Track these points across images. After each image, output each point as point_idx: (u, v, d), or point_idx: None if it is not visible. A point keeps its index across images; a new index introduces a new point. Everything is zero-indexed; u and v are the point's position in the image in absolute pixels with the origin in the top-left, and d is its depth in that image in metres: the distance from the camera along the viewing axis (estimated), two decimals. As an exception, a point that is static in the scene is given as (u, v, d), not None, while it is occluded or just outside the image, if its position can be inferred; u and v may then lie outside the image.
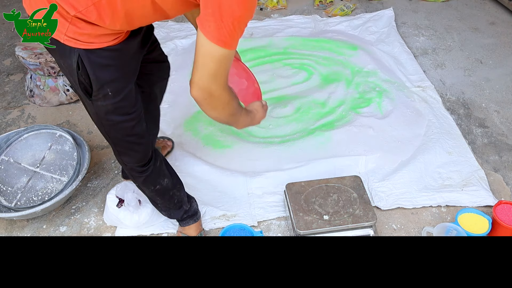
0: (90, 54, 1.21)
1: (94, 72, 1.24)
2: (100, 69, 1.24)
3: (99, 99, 1.30)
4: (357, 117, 2.30)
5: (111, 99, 1.30)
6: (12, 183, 1.94)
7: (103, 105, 1.31)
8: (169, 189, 1.62)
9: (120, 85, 1.29)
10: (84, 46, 1.20)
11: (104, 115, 1.34)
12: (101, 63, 1.23)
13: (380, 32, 2.98)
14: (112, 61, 1.25)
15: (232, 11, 1.03)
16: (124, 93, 1.31)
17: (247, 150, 2.15)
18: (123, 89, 1.31)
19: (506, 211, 1.75)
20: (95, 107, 1.33)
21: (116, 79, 1.28)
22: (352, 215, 1.68)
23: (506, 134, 2.28)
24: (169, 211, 1.70)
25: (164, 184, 1.59)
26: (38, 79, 2.45)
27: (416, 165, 2.04)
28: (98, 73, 1.24)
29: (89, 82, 1.26)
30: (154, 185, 1.57)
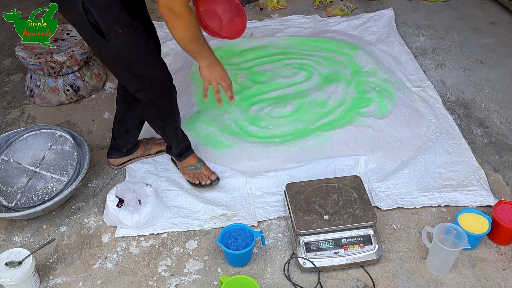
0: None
1: (99, 14, 1.43)
2: (104, 9, 1.43)
3: (112, 37, 1.48)
4: (357, 117, 2.30)
5: (123, 35, 1.48)
6: (12, 183, 1.94)
7: (118, 41, 1.49)
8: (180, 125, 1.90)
9: (126, 21, 1.48)
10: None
11: (121, 51, 1.53)
12: (103, 4, 1.43)
13: (380, 32, 2.98)
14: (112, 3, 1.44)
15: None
16: (133, 28, 1.50)
17: (247, 150, 2.15)
18: (131, 25, 1.49)
19: (506, 211, 1.75)
20: (112, 46, 1.51)
21: (121, 16, 1.46)
22: (352, 215, 1.68)
23: (506, 134, 2.28)
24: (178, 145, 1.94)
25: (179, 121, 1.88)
26: (38, 79, 2.45)
27: (416, 165, 2.04)
28: (102, 14, 1.44)
29: (98, 24, 1.45)
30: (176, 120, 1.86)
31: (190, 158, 1.99)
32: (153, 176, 2.04)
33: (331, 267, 1.66)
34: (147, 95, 1.71)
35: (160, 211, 1.84)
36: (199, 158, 2.02)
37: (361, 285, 1.64)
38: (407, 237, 1.80)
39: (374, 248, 1.67)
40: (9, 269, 1.55)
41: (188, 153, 1.99)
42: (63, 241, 1.81)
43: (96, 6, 1.42)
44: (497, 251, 1.74)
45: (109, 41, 1.49)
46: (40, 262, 1.73)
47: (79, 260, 1.74)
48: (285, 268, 1.69)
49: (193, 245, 1.78)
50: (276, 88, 2.52)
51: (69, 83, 2.47)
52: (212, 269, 1.70)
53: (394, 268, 1.69)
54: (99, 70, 2.62)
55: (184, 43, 1.55)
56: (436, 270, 1.67)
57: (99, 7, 1.43)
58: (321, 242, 1.66)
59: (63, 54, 2.35)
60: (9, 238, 1.83)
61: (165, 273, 1.69)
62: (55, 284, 1.67)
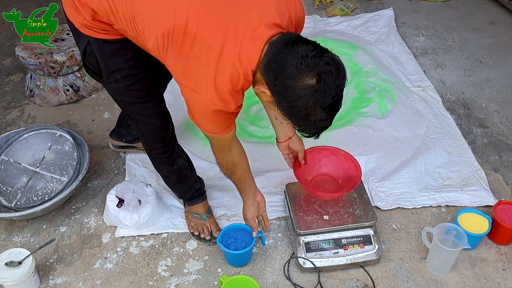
0: (100, 42, 1.31)
1: (103, 59, 1.34)
2: (110, 57, 1.34)
3: (110, 82, 1.40)
4: (357, 117, 2.30)
5: (122, 83, 1.39)
6: (12, 183, 1.94)
7: (115, 87, 1.41)
8: (184, 168, 1.74)
9: (132, 72, 1.38)
10: (96, 35, 1.30)
11: (118, 95, 1.45)
12: (111, 51, 1.33)
13: (380, 32, 2.98)
14: (123, 51, 1.34)
15: (204, 124, 1.30)
16: (137, 78, 1.40)
17: (247, 150, 2.12)
18: (136, 75, 1.39)
19: (506, 211, 1.75)
20: (108, 88, 1.44)
21: (128, 67, 1.37)
22: (352, 215, 1.68)
23: (506, 134, 2.28)
24: (181, 190, 1.81)
25: (180, 163, 1.71)
26: (38, 79, 2.45)
27: (416, 165, 2.04)
28: (108, 60, 1.34)
29: (97, 68, 1.36)
30: (172, 164, 1.69)
31: (199, 206, 1.81)
32: (153, 176, 2.04)
33: (331, 267, 1.66)
34: (142, 136, 1.62)
35: (160, 211, 1.84)
36: (208, 208, 1.84)
37: (361, 285, 1.64)
38: (407, 237, 1.79)
39: (374, 248, 1.67)
40: (9, 269, 1.55)
41: (199, 200, 1.81)
42: (63, 241, 1.81)
43: (103, 51, 1.33)
44: (497, 251, 1.74)
45: (106, 83, 1.42)
46: (40, 262, 1.73)
47: (79, 260, 1.74)
48: (285, 268, 1.69)
49: (193, 245, 1.78)
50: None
51: (69, 83, 2.47)
52: (212, 269, 1.70)
53: (394, 268, 1.69)
54: (99, 70, 2.62)
55: None
56: (436, 270, 1.67)
57: (106, 52, 1.33)
58: (321, 242, 1.66)
59: (63, 54, 2.35)
60: (9, 238, 1.83)
61: (165, 273, 1.69)
62: (55, 284, 1.67)
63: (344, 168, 1.75)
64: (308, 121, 1.16)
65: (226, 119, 1.28)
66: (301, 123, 1.19)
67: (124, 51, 1.35)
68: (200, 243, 1.78)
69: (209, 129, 1.31)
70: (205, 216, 1.81)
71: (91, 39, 1.31)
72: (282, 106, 1.17)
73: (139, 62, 1.39)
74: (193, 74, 1.18)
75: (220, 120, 1.27)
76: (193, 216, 1.82)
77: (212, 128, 1.31)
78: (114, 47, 1.33)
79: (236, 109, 1.25)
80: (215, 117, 1.25)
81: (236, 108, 1.25)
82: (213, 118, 1.26)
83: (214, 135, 1.34)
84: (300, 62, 1.08)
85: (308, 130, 1.22)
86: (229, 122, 1.32)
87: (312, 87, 1.09)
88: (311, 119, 1.14)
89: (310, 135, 1.25)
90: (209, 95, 1.18)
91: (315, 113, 1.12)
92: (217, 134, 1.34)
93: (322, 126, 1.19)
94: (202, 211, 1.82)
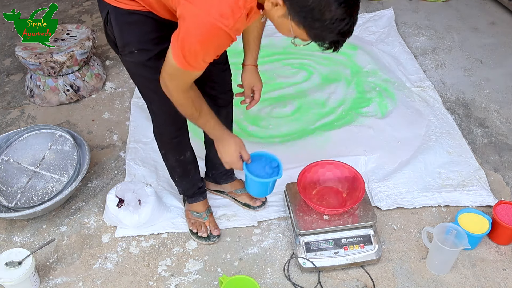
0: (118, 12, 1.29)
1: (119, 29, 1.33)
2: (126, 28, 1.32)
3: (126, 54, 1.38)
4: (357, 117, 2.30)
5: (138, 57, 1.37)
6: (12, 183, 1.94)
7: (130, 60, 1.39)
8: (189, 163, 1.73)
9: (147, 46, 1.35)
10: (115, 4, 1.29)
11: (134, 69, 1.43)
12: (127, 22, 1.31)
13: (380, 32, 2.98)
14: (140, 23, 1.31)
15: (190, 44, 1.15)
16: (152, 54, 1.36)
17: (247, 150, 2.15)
18: (151, 51, 1.36)
19: (506, 211, 1.75)
20: (124, 61, 1.42)
21: (143, 41, 1.34)
22: (352, 215, 1.68)
23: (506, 134, 2.27)
24: (184, 185, 1.80)
25: (187, 156, 1.70)
26: (38, 79, 2.45)
27: (416, 165, 2.04)
28: (123, 31, 1.33)
29: (115, 38, 1.36)
30: (180, 154, 1.68)
31: (199, 204, 1.83)
32: (153, 176, 2.04)
33: (331, 267, 1.66)
34: (154, 118, 1.59)
35: (160, 211, 1.84)
36: (208, 207, 1.85)
37: (361, 285, 1.64)
38: (407, 237, 1.79)
39: (374, 248, 1.67)
40: (9, 269, 1.55)
41: (200, 198, 1.83)
42: (63, 241, 1.81)
43: (120, 21, 1.31)
44: (497, 251, 1.74)
45: (122, 56, 1.40)
46: (40, 262, 1.73)
47: (79, 260, 1.74)
48: (285, 268, 1.69)
49: (193, 245, 1.78)
50: (276, 88, 2.52)
51: (69, 83, 2.47)
52: (212, 269, 1.70)
53: (394, 268, 1.69)
54: (99, 70, 2.62)
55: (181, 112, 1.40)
56: (436, 270, 1.67)
57: (123, 23, 1.31)
58: (321, 242, 1.66)
59: (63, 54, 2.35)
60: (9, 238, 1.83)
61: (165, 273, 1.69)
62: (55, 284, 1.67)
63: (348, 181, 1.76)
64: (324, 21, 1.06)
65: (218, 42, 1.17)
66: (317, 25, 1.07)
67: (141, 23, 1.32)
68: (199, 242, 1.78)
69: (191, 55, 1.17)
70: (205, 215, 1.82)
71: (110, 8, 1.30)
72: (295, 9, 1.08)
73: (156, 37, 1.35)
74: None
75: (212, 41, 1.15)
76: (192, 215, 1.82)
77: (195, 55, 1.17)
78: (131, 18, 1.30)
79: (234, 30, 1.13)
80: (208, 36, 1.14)
81: (234, 30, 1.13)
82: (206, 38, 1.14)
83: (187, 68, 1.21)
84: None
85: (326, 36, 1.10)
86: (219, 49, 1.21)
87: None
88: (326, 17, 1.05)
89: (330, 45, 1.13)
90: (206, 5, 1.10)
91: (329, 9, 1.04)
92: (191, 68, 1.21)
93: (341, 29, 1.08)
94: (202, 209, 1.83)
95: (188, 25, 1.13)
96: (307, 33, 1.12)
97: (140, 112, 2.37)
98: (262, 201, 1.89)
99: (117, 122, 2.38)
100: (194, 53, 1.17)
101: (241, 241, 1.79)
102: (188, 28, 1.13)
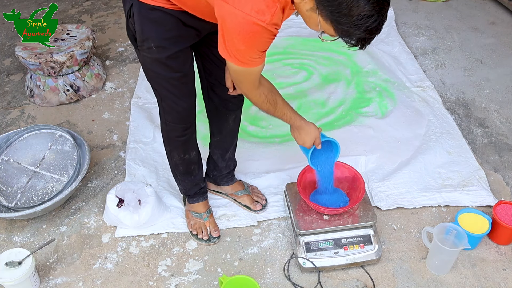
0: (142, 6, 1.30)
1: (140, 24, 1.33)
2: (147, 23, 1.32)
3: (144, 50, 1.38)
4: (357, 117, 2.30)
5: (155, 54, 1.37)
6: (12, 183, 1.94)
7: (148, 56, 1.39)
8: (194, 163, 1.73)
9: (165, 44, 1.36)
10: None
11: (149, 65, 1.42)
12: (149, 18, 1.31)
13: (380, 32, 2.98)
14: (161, 21, 1.32)
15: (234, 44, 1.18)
16: (169, 53, 1.37)
17: (247, 150, 2.15)
18: (169, 49, 1.37)
19: (506, 211, 1.75)
20: (141, 56, 1.42)
21: (162, 38, 1.34)
22: (352, 215, 1.68)
23: (506, 134, 2.28)
24: (185, 184, 1.80)
25: (192, 156, 1.70)
26: (38, 79, 2.45)
27: (416, 165, 2.04)
28: (144, 26, 1.33)
29: (135, 32, 1.36)
30: (185, 153, 1.68)
31: (199, 205, 1.83)
32: (153, 176, 2.04)
33: (331, 267, 1.66)
34: (163, 114, 1.58)
35: (160, 211, 1.84)
36: (209, 208, 1.85)
37: (361, 285, 1.64)
38: (407, 237, 1.79)
39: (374, 248, 1.67)
40: (9, 269, 1.55)
41: (200, 199, 1.83)
42: (63, 241, 1.81)
43: (142, 15, 1.31)
44: (497, 251, 1.74)
45: (140, 51, 1.40)
46: (40, 262, 1.73)
47: (79, 260, 1.74)
48: (285, 268, 1.69)
49: (193, 245, 1.78)
50: (276, 88, 2.52)
51: (69, 83, 2.47)
52: (212, 269, 1.70)
53: (394, 268, 1.69)
54: (99, 70, 2.62)
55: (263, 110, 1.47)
56: (436, 270, 1.67)
57: (145, 17, 1.31)
58: (321, 242, 1.66)
59: (63, 54, 2.35)
60: (9, 238, 1.83)
61: (165, 273, 1.69)
62: (55, 284, 1.67)
63: (348, 181, 1.76)
64: (351, 17, 1.05)
65: (260, 38, 1.17)
66: (345, 20, 1.06)
67: (163, 21, 1.32)
68: (199, 242, 1.78)
69: (240, 54, 1.20)
70: (205, 215, 1.81)
71: (134, 1, 1.30)
72: (322, 4, 1.07)
73: (176, 36, 1.36)
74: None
75: (254, 38, 1.16)
76: (193, 215, 1.82)
77: (244, 53, 1.20)
78: (154, 15, 1.30)
79: (272, 25, 1.14)
80: (248, 34, 1.15)
81: (272, 25, 1.14)
82: (246, 35, 1.15)
83: (245, 66, 1.24)
84: None
85: (353, 32, 1.09)
86: (263, 45, 1.21)
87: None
88: (354, 12, 1.04)
89: (357, 42, 1.13)
90: (241, 2, 1.11)
91: (357, 4, 1.03)
92: (248, 65, 1.24)
93: (368, 26, 1.07)
94: (203, 210, 1.82)
95: (228, 25, 1.15)
96: (334, 29, 1.11)
97: (140, 112, 2.37)
98: (262, 205, 1.89)
99: (117, 122, 2.38)
100: (241, 52, 1.20)
101: (241, 241, 1.79)
102: (229, 28, 1.15)
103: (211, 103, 1.70)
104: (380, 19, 1.08)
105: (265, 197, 1.92)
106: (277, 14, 1.14)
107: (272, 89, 1.43)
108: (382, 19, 1.08)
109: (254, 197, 1.90)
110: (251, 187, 1.95)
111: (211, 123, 1.77)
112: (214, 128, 1.77)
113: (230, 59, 1.23)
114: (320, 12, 1.09)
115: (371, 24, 1.07)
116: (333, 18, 1.08)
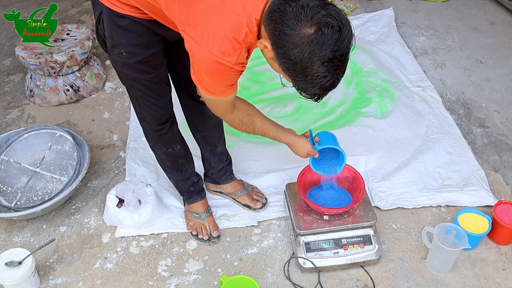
0: (111, 13, 1.30)
1: (110, 30, 1.34)
2: (117, 30, 1.33)
3: (114, 54, 1.39)
4: (357, 117, 2.30)
5: (126, 59, 1.38)
6: (12, 183, 1.94)
7: (118, 60, 1.40)
8: (180, 156, 1.72)
9: (136, 49, 1.37)
10: (109, 5, 1.29)
11: (120, 68, 1.43)
12: (119, 25, 1.32)
13: (380, 32, 2.98)
14: (131, 28, 1.33)
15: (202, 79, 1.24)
16: (140, 58, 1.38)
17: (247, 150, 2.15)
18: (140, 54, 1.38)
19: (506, 211, 1.75)
20: (112, 59, 1.43)
21: (132, 44, 1.35)
22: (352, 215, 1.68)
23: (506, 134, 2.27)
24: (176, 178, 1.79)
25: (176, 150, 1.69)
26: (38, 79, 2.45)
27: (416, 165, 2.04)
28: (114, 32, 1.34)
29: (105, 37, 1.37)
30: (167, 147, 1.67)
31: (198, 205, 1.83)
32: (154, 176, 2.04)
33: (331, 267, 1.66)
34: (139, 110, 1.57)
35: (160, 211, 1.84)
36: (208, 208, 1.85)
37: (361, 285, 1.64)
38: (407, 237, 1.79)
39: (374, 248, 1.67)
40: (9, 269, 1.55)
41: (198, 198, 1.83)
42: (63, 241, 1.81)
43: (112, 22, 1.32)
44: (497, 251, 1.74)
45: (110, 55, 1.42)
46: (40, 262, 1.73)
47: (79, 260, 1.74)
48: (285, 268, 1.69)
49: (193, 245, 1.78)
50: (276, 88, 2.52)
51: (69, 83, 2.47)
52: (212, 269, 1.70)
53: (394, 268, 1.69)
54: (99, 70, 2.62)
55: None
56: (436, 270, 1.67)
57: (114, 24, 1.32)
58: (321, 242, 1.66)
59: (63, 54, 2.35)
60: (9, 238, 1.83)
61: (165, 273, 1.69)
62: (55, 284, 1.67)
63: (348, 181, 1.77)
64: (306, 76, 1.10)
65: (226, 76, 1.22)
66: (300, 78, 1.11)
67: (132, 28, 1.33)
68: (200, 242, 1.78)
69: (209, 87, 1.25)
70: (204, 215, 1.81)
71: (104, 8, 1.31)
72: (280, 59, 1.11)
73: (147, 42, 1.37)
74: (194, 21, 1.15)
75: (221, 76, 1.22)
76: (192, 216, 1.82)
77: (212, 86, 1.25)
78: (123, 22, 1.31)
79: (238, 65, 1.18)
80: (215, 72, 1.19)
81: (238, 64, 1.18)
82: (213, 73, 1.20)
83: (214, 96, 1.29)
84: (299, 11, 1.04)
85: (308, 89, 1.14)
86: (230, 81, 1.26)
87: (309, 36, 1.04)
88: (308, 72, 1.08)
89: (312, 97, 1.17)
90: (209, 43, 1.14)
91: (312, 66, 1.07)
92: (218, 95, 1.29)
93: (322, 85, 1.11)
94: (201, 210, 1.82)
95: (197, 62, 1.20)
96: (291, 81, 1.17)
97: (140, 112, 2.37)
98: (263, 203, 1.89)
99: (117, 122, 2.38)
100: (210, 85, 1.25)
101: (241, 241, 1.79)
102: (198, 64, 1.20)
103: (188, 101, 1.71)
104: (335, 78, 1.12)
105: (265, 196, 1.92)
106: (243, 54, 1.18)
107: (249, 111, 1.47)
108: (337, 77, 1.12)
109: (254, 196, 1.90)
110: (251, 186, 1.95)
111: (194, 120, 1.77)
112: (197, 124, 1.78)
113: (200, 88, 1.28)
114: (279, 64, 1.14)
115: (325, 83, 1.11)
116: (289, 73, 1.13)
